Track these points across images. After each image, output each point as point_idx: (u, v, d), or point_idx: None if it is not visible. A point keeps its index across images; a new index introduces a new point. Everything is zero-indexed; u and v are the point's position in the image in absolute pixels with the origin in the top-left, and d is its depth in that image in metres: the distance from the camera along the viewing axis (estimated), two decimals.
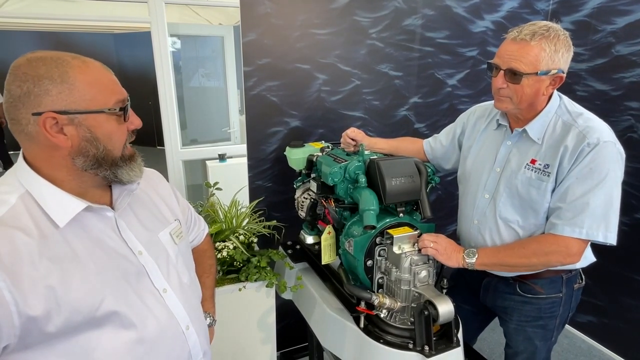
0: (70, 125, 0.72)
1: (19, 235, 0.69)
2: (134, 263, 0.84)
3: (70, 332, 0.72)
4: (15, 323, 0.66)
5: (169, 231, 0.96)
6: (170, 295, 0.88)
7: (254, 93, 1.76)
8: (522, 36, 1.12)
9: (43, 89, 0.69)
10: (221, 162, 2.77)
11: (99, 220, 0.81)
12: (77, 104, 0.72)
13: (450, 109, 2.21)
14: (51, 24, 5.67)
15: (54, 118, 0.70)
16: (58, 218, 0.74)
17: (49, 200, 0.74)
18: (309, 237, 1.64)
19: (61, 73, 0.70)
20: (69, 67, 0.72)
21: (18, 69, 0.70)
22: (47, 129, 0.70)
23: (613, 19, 2.04)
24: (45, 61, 0.71)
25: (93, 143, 0.75)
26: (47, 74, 0.70)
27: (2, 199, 0.72)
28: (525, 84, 1.15)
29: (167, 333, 0.86)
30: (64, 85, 0.71)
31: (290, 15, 1.74)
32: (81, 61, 0.74)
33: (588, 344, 2.34)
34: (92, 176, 0.78)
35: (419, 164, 1.28)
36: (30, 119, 0.70)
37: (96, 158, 0.76)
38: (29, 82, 0.69)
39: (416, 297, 1.16)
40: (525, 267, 1.26)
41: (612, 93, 2.09)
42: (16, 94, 0.70)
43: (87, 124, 0.73)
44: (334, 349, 1.33)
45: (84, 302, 0.73)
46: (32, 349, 0.70)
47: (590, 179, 1.13)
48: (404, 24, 1.96)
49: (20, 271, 0.67)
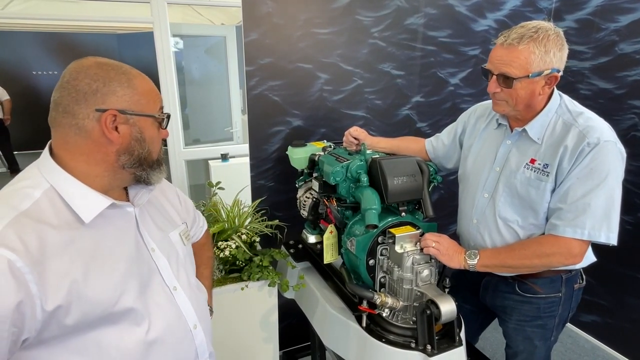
0: (125, 125, 0.79)
1: (45, 229, 0.71)
2: (147, 259, 0.87)
3: (86, 327, 0.74)
4: (38, 316, 0.67)
5: (179, 232, 0.99)
6: (180, 293, 0.90)
7: (256, 93, 1.77)
8: (510, 41, 1.12)
9: (111, 89, 0.77)
10: (223, 161, 2.78)
11: (120, 216, 0.84)
12: (135, 106, 0.80)
13: (453, 108, 2.20)
14: (55, 25, 5.71)
15: (114, 115, 0.77)
16: (84, 214, 0.76)
17: (75, 196, 0.77)
18: (311, 236, 1.65)
19: (128, 79, 0.79)
20: (132, 75, 0.81)
21: (89, 69, 0.77)
22: (106, 124, 0.76)
23: (616, 17, 2.03)
24: (112, 66, 0.79)
25: (140, 143, 0.82)
26: (117, 77, 0.78)
27: (26, 192, 0.74)
28: (518, 87, 1.14)
29: (176, 331, 0.88)
30: (129, 90, 0.79)
31: (292, 14, 1.74)
32: (138, 72, 0.84)
33: (592, 343, 2.33)
34: (126, 174, 0.83)
35: (421, 163, 1.28)
36: (90, 114, 0.75)
37: (139, 157, 0.82)
38: (99, 81, 0.76)
39: (418, 296, 1.15)
40: (527, 268, 1.25)
41: (616, 91, 2.08)
42: (83, 89, 0.75)
43: (139, 125, 0.81)
44: (336, 348, 1.33)
45: (104, 297, 0.75)
46: (46, 345, 0.71)
47: (591, 179, 1.12)
48: (406, 23, 1.96)
49: (47, 264, 0.69)
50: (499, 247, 1.31)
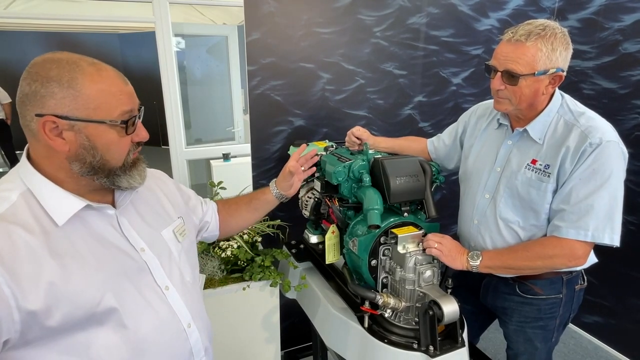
0: (69, 131, 0.73)
1: (18, 231, 0.70)
2: (136, 260, 0.84)
3: (71, 328, 0.73)
4: (15, 318, 0.67)
5: (172, 229, 0.97)
6: (172, 292, 0.89)
7: (258, 92, 1.76)
8: (518, 37, 1.11)
9: (49, 91, 0.70)
10: (225, 161, 2.78)
11: (100, 218, 0.82)
12: (80, 111, 0.72)
13: (455, 107, 2.19)
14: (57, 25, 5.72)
15: (54, 122, 0.71)
16: (56, 216, 0.74)
17: (49, 198, 0.75)
18: (313, 236, 1.64)
19: (70, 78, 0.71)
20: (80, 73, 0.72)
21: (32, 67, 0.72)
22: (46, 131, 0.71)
23: (620, 16, 2.02)
24: (60, 63, 0.71)
25: (90, 151, 0.75)
26: (57, 77, 0.70)
27: (3, 195, 0.73)
28: (523, 85, 1.13)
29: (168, 330, 0.86)
30: (70, 91, 0.71)
31: (294, 14, 1.73)
32: (95, 69, 0.74)
33: (594, 344, 2.32)
34: (89, 180, 0.79)
35: (423, 163, 1.27)
36: (33, 117, 0.71)
37: (92, 166, 0.76)
38: (37, 82, 0.70)
39: (421, 297, 1.15)
40: (530, 269, 1.25)
41: (619, 91, 2.07)
42: (25, 91, 0.71)
43: (87, 132, 0.73)
44: (338, 348, 1.33)
45: (85, 298, 0.73)
46: (32, 346, 0.70)
47: (594, 180, 1.11)
48: (408, 23, 1.95)
49: (19, 266, 0.68)
50: (502, 248, 1.30)
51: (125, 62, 7.31)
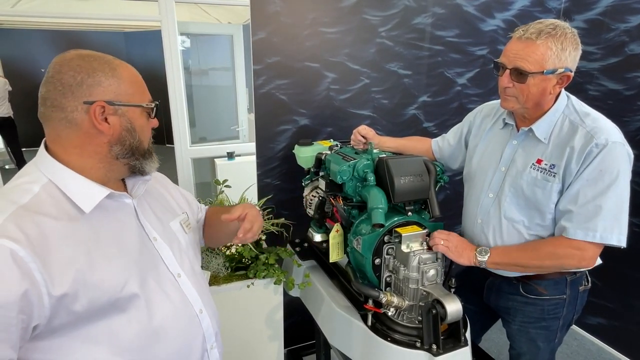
0: (114, 115, 0.79)
1: (45, 220, 0.72)
2: (150, 248, 0.88)
3: (95, 314, 0.75)
4: (45, 303, 0.69)
5: (179, 221, 1.01)
6: (184, 280, 0.92)
7: (263, 91, 1.77)
8: (528, 35, 1.10)
9: (96, 80, 0.77)
10: (230, 160, 2.78)
11: (119, 207, 0.86)
12: (122, 97, 0.80)
13: (460, 108, 2.19)
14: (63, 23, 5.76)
15: (103, 107, 0.77)
16: (83, 204, 0.78)
17: (74, 187, 0.78)
18: (317, 235, 1.65)
19: (111, 68, 0.79)
20: (115, 65, 0.80)
21: (71, 61, 0.77)
22: (96, 116, 0.77)
23: (627, 17, 2.01)
24: (95, 57, 0.79)
25: (131, 133, 0.83)
26: (100, 68, 0.78)
27: (25, 188, 0.76)
28: (531, 83, 1.13)
29: (183, 316, 0.90)
30: (114, 80, 0.79)
31: (299, 13, 1.74)
32: (120, 62, 0.83)
33: (598, 346, 2.32)
34: (120, 165, 0.84)
35: (427, 162, 1.28)
36: (78, 106, 0.76)
37: (132, 147, 0.83)
38: (83, 73, 0.76)
39: (424, 296, 1.15)
40: (537, 268, 1.25)
41: (625, 92, 2.06)
42: (68, 82, 0.75)
43: (129, 115, 0.82)
44: (341, 346, 1.33)
45: (110, 283, 0.76)
46: (57, 334, 0.73)
47: (601, 181, 1.11)
48: (413, 23, 1.95)
49: (49, 253, 0.70)
50: (510, 245, 1.30)
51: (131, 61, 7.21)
